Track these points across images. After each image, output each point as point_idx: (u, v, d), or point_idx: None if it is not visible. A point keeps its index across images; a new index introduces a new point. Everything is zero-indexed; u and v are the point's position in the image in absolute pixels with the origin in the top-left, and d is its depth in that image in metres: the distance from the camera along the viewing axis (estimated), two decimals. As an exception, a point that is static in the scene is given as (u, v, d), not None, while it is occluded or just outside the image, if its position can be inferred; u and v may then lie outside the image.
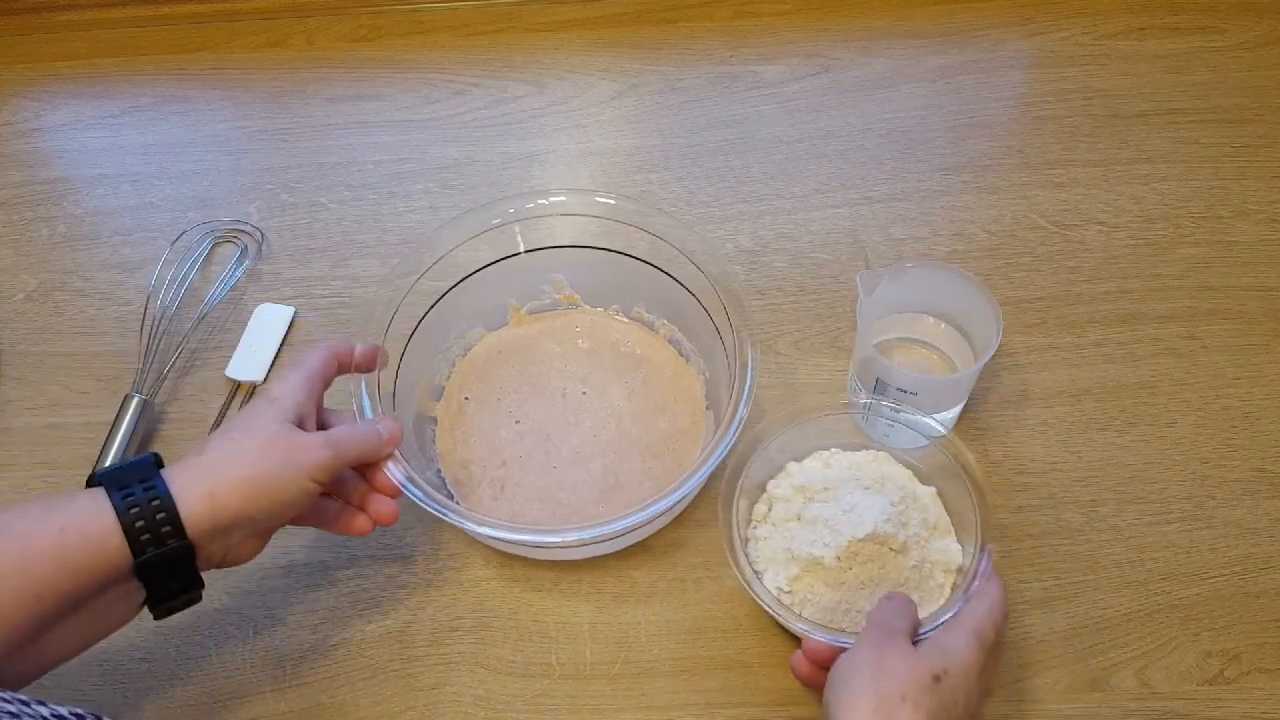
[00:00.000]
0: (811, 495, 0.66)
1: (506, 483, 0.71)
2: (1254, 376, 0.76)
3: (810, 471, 0.68)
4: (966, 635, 0.55)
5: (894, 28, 0.99)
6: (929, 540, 0.65)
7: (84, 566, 0.50)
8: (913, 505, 0.65)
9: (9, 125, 0.96)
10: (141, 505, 0.52)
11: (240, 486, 0.54)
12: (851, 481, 0.66)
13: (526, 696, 0.65)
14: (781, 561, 0.64)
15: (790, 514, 0.66)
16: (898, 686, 0.51)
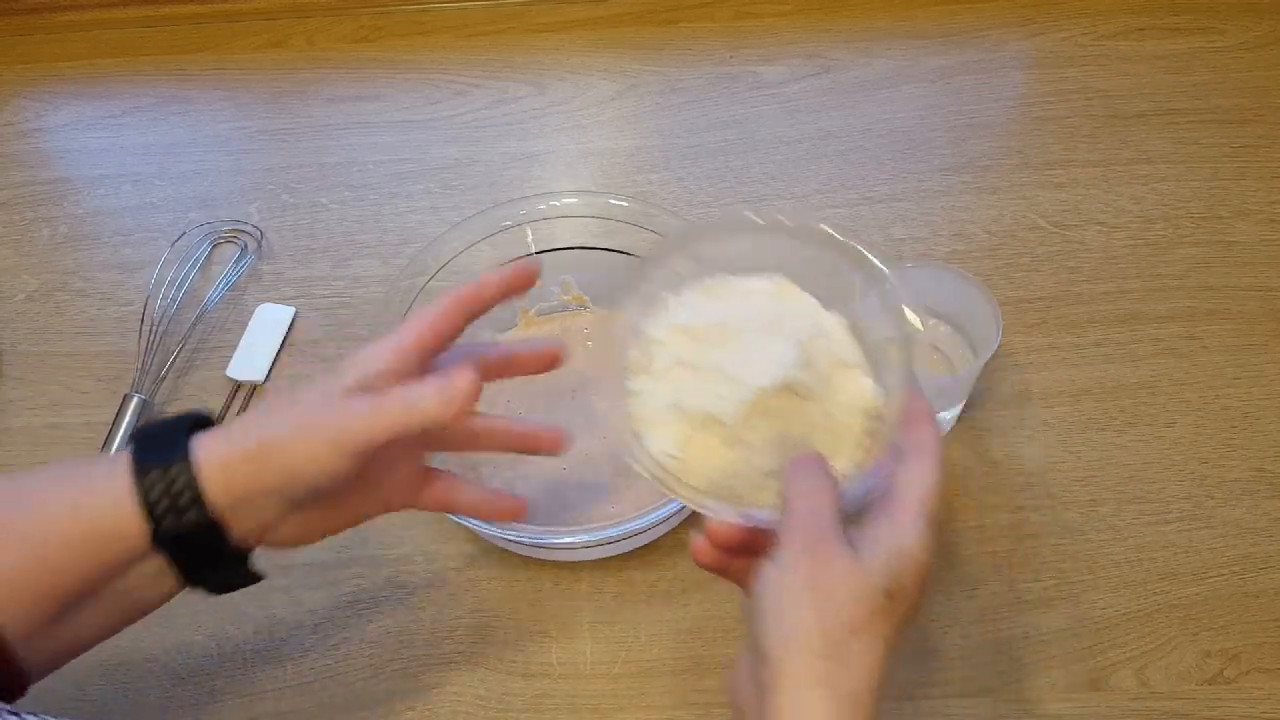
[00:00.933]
0: (698, 336, 0.53)
1: (516, 484, 0.71)
2: (1253, 376, 0.76)
3: (694, 305, 0.54)
4: (916, 523, 0.44)
5: (894, 28, 0.99)
6: (840, 381, 0.53)
7: (103, 541, 0.46)
8: (822, 341, 0.53)
9: (10, 125, 0.96)
10: (157, 475, 0.47)
11: (251, 453, 0.48)
12: (747, 317, 0.53)
13: (526, 696, 0.65)
14: (666, 421, 0.52)
15: (673, 361, 0.52)
16: (845, 615, 0.42)
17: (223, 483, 0.47)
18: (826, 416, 0.52)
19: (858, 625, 0.42)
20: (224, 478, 0.47)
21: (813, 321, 0.54)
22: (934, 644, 0.66)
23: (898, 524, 0.44)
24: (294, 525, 0.51)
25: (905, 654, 0.65)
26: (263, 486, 0.48)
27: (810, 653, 0.41)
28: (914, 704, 0.64)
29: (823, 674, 0.41)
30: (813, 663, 0.41)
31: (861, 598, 0.42)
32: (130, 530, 0.46)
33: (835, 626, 0.42)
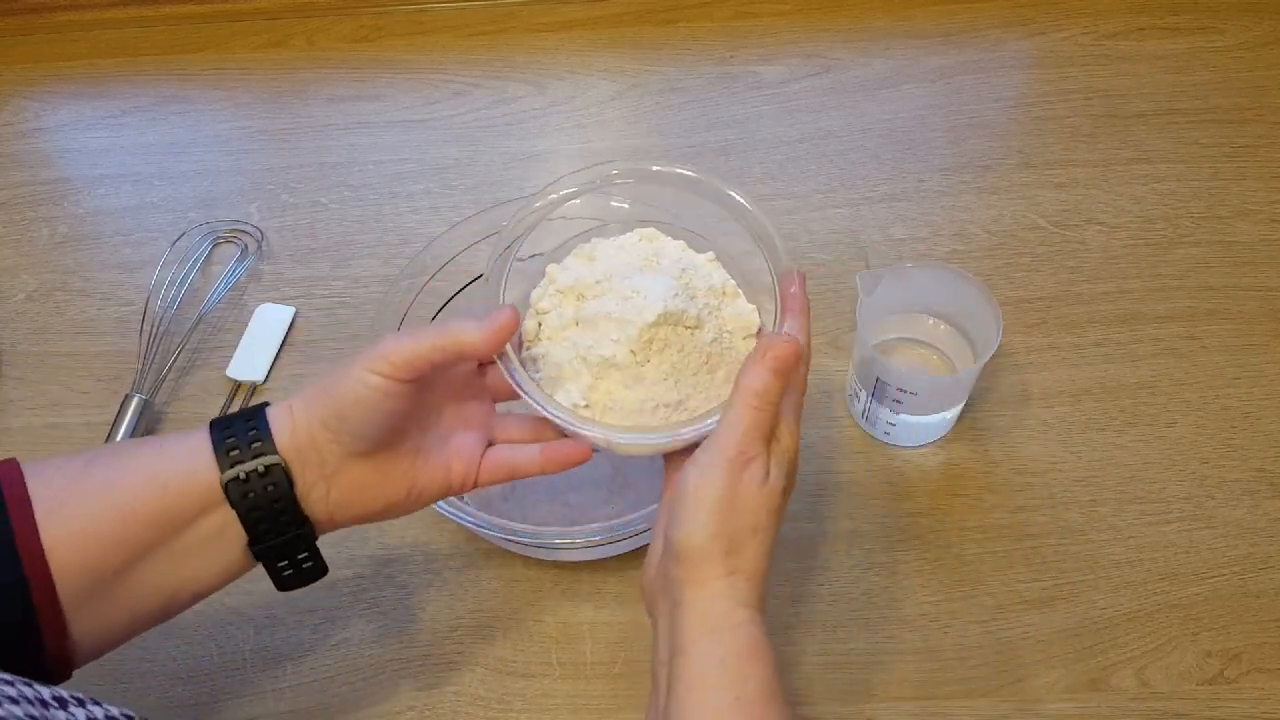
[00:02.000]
0: (583, 294, 0.57)
1: (516, 484, 0.71)
2: (1254, 376, 0.76)
3: (575, 269, 0.58)
4: (789, 424, 0.51)
5: (894, 28, 0.99)
6: (720, 308, 0.57)
7: (173, 481, 0.48)
8: (695, 274, 0.57)
9: (10, 125, 0.96)
10: (235, 425, 0.50)
11: (308, 394, 0.51)
12: (624, 267, 0.57)
13: (526, 696, 0.65)
14: (571, 375, 0.56)
15: (566, 321, 0.56)
16: (749, 520, 0.49)
17: (289, 424, 0.50)
18: (715, 342, 0.56)
19: (758, 526, 0.49)
20: (289, 420, 0.50)
21: (684, 258, 0.58)
22: (934, 644, 0.66)
23: (790, 428, 0.51)
24: (357, 476, 0.52)
25: (905, 654, 0.65)
26: (322, 420, 0.50)
27: (720, 552, 0.48)
28: (915, 704, 0.64)
29: (729, 567, 0.48)
30: (721, 559, 0.48)
31: (765, 506, 0.49)
32: (200, 474, 0.49)
33: (740, 530, 0.48)
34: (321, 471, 0.51)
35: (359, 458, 0.51)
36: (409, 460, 0.54)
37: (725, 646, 0.48)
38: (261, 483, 0.49)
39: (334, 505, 0.52)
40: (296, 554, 0.53)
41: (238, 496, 0.49)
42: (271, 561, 0.52)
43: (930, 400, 0.69)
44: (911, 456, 0.73)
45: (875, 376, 0.69)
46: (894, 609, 0.67)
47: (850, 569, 0.69)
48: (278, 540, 0.51)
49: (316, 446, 0.50)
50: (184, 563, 0.50)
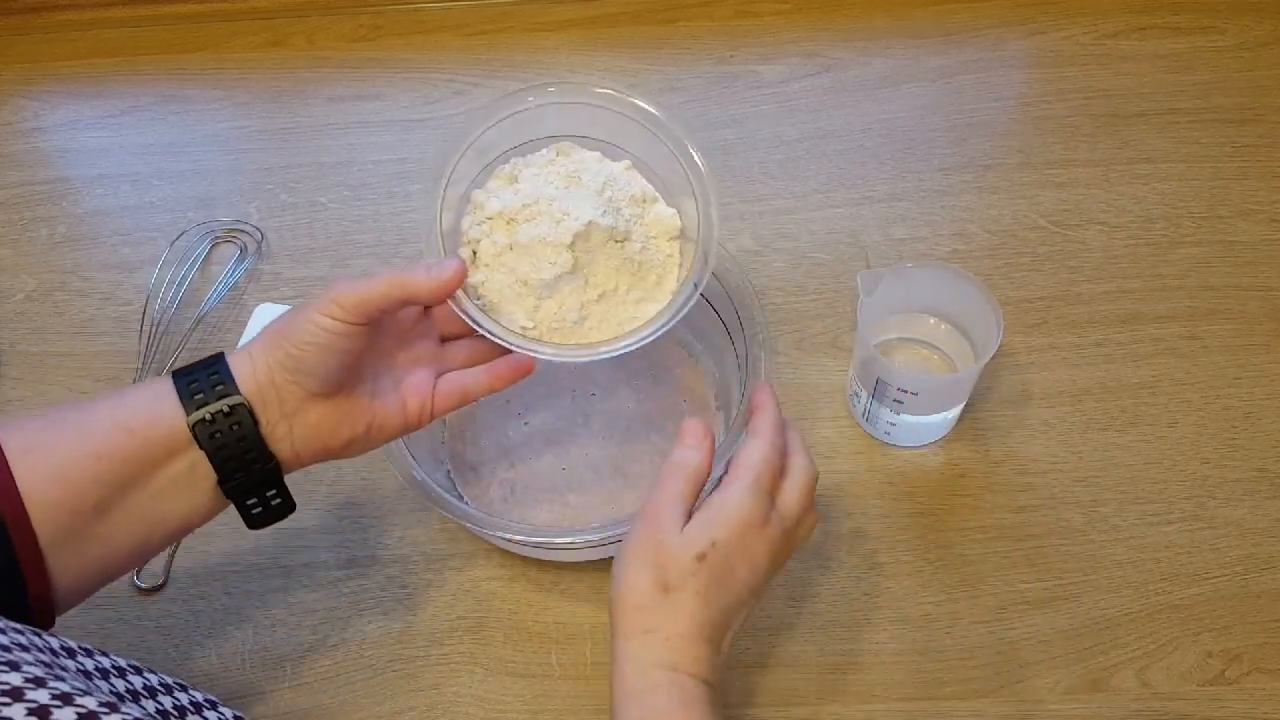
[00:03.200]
0: (512, 218, 0.59)
1: (516, 484, 0.71)
2: (1255, 376, 0.76)
3: (500, 195, 0.60)
4: (738, 490, 0.53)
5: (894, 28, 0.99)
6: (643, 215, 0.61)
7: (141, 426, 0.51)
8: (616, 187, 0.60)
9: (8, 125, 0.96)
10: (196, 373, 0.53)
11: (268, 337, 0.54)
12: (548, 188, 0.59)
13: (526, 697, 0.65)
14: (513, 299, 0.59)
15: (500, 248, 0.59)
16: (660, 576, 0.51)
17: (248, 368, 0.53)
18: (644, 250, 0.60)
19: (670, 584, 0.51)
20: (249, 364, 0.53)
21: (603, 170, 0.61)
22: (936, 644, 0.66)
23: (725, 490, 0.53)
24: (316, 416, 0.54)
25: (906, 654, 0.65)
26: (280, 361, 0.53)
27: (636, 609, 0.51)
28: (915, 704, 0.64)
29: (642, 625, 0.51)
30: (636, 616, 0.51)
31: (673, 563, 0.51)
32: (168, 415, 0.51)
33: (651, 588, 0.51)
34: (282, 411, 0.54)
35: (317, 398, 0.54)
36: (366, 399, 0.56)
37: (643, 709, 0.50)
38: (227, 422, 0.52)
39: (298, 443, 0.55)
40: (265, 491, 0.55)
41: (205, 437, 0.52)
42: (241, 500, 0.55)
43: (931, 400, 0.69)
44: (912, 456, 0.73)
45: (876, 376, 0.69)
46: (895, 609, 0.67)
47: (851, 569, 0.69)
48: (246, 478, 0.54)
49: (276, 387, 0.53)
50: (157, 503, 0.52)
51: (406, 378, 0.58)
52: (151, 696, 0.50)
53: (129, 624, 0.68)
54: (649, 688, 0.50)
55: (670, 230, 0.62)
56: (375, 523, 0.72)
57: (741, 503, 0.53)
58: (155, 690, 0.51)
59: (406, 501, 0.72)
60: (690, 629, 0.51)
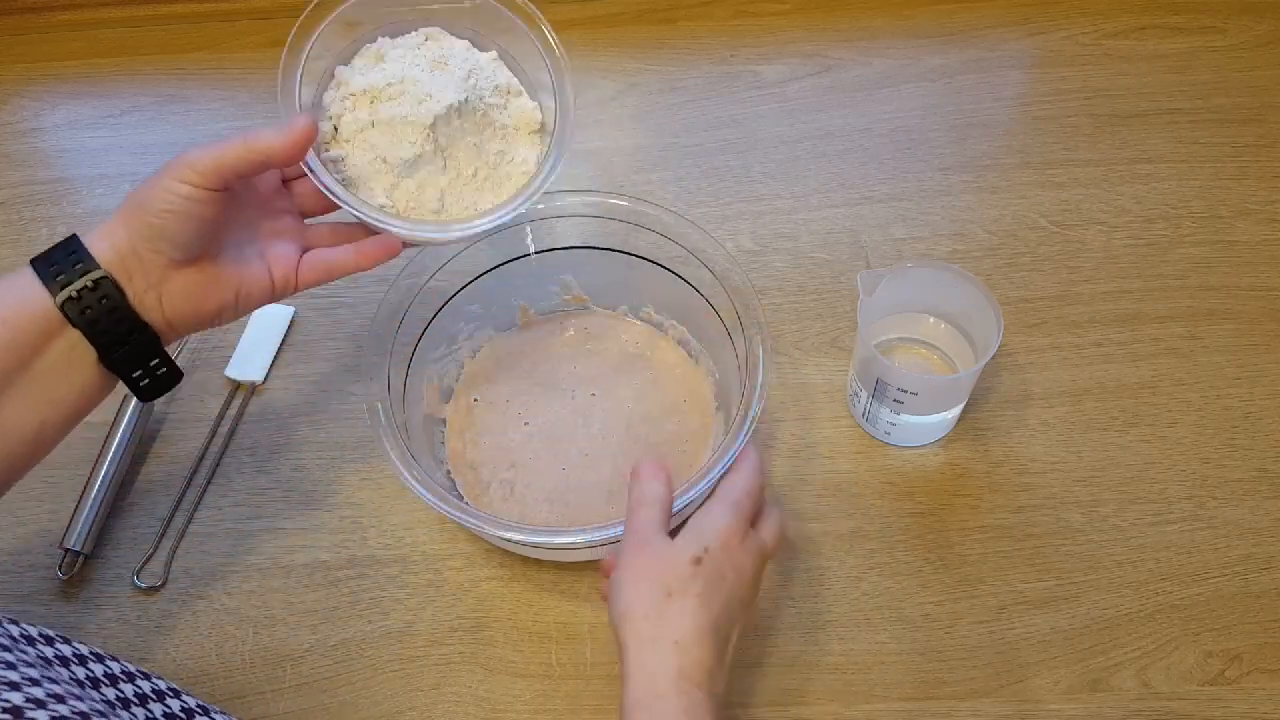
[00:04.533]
0: (376, 97, 0.60)
1: (516, 484, 0.71)
2: (1255, 376, 0.76)
3: (365, 73, 0.61)
4: (721, 508, 0.55)
5: (894, 28, 0.99)
6: (506, 105, 0.63)
7: (11, 316, 0.51)
8: (480, 75, 0.62)
9: (8, 125, 0.96)
10: (55, 256, 0.53)
11: (121, 212, 0.54)
12: (413, 70, 0.60)
13: (526, 697, 0.65)
14: (372, 175, 0.60)
15: (361, 124, 0.60)
16: (661, 584, 0.52)
17: (107, 243, 0.53)
18: (504, 139, 0.63)
19: (672, 589, 0.52)
20: (108, 240, 0.53)
21: (470, 58, 0.62)
22: (936, 644, 0.66)
23: (707, 511, 0.56)
24: (182, 284, 0.55)
25: (906, 654, 0.65)
26: (139, 231, 0.53)
27: (639, 619, 0.52)
28: (916, 704, 0.64)
29: (649, 633, 0.52)
30: (641, 626, 0.52)
31: (672, 569, 0.53)
32: (36, 302, 0.52)
33: (653, 596, 0.52)
34: (148, 280, 0.54)
35: (181, 266, 0.55)
36: (231, 266, 0.57)
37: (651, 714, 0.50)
38: (94, 296, 0.52)
39: (170, 313, 0.55)
40: (148, 362, 0.56)
41: (76, 314, 0.52)
42: (126, 373, 0.56)
43: (931, 400, 0.69)
44: (912, 456, 0.73)
45: (876, 376, 0.69)
46: (895, 609, 0.67)
47: (851, 569, 0.69)
48: (124, 350, 0.55)
49: (139, 257, 0.53)
50: (43, 390, 0.53)
51: (270, 248, 0.59)
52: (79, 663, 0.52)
53: (129, 624, 0.68)
54: (657, 697, 0.50)
55: (531, 123, 0.63)
56: (375, 523, 0.72)
57: (726, 516, 0.55)
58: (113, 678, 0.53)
59: (406, 501, 0.72)
60: (695, 632, 0.52)
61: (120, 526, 0.72)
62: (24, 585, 0.70)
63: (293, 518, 0.72)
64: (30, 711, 0.43)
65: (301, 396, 0.78)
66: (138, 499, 0.73)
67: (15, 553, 0.71)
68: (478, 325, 0.76)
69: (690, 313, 0.74)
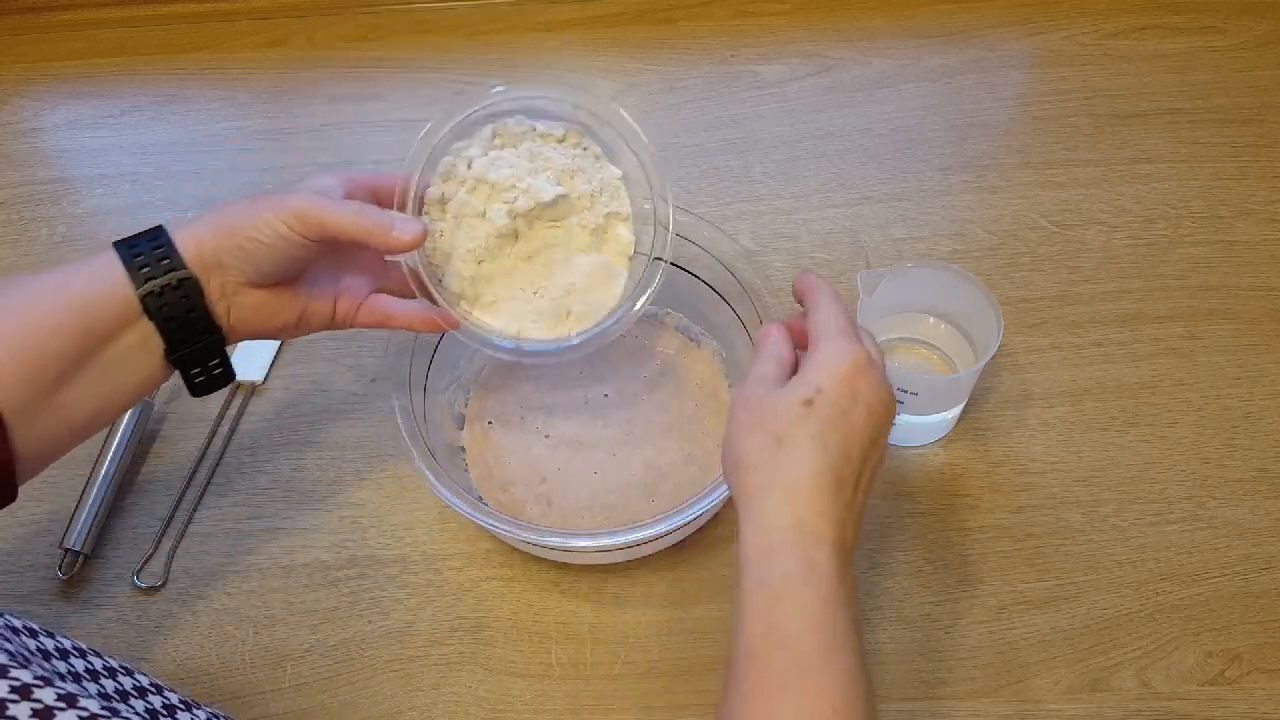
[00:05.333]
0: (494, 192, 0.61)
1: (552, 497, 0.70)
2: (1255, 376, 0.76)
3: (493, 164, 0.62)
4: (829, 340, 0.51)
5: (894, 28, 0.99)
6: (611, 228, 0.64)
7: (93, 302, 0.52)
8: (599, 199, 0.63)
9: (8, 125, 0.96)
10: (140, 245, 0.54)
11: (215, 222, 0.55)
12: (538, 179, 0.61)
13: (526, 697, 0.65)
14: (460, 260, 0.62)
15: (472, 211, 0.62)
16: (771, 433, 0.49)
17: (195, 248, 0.54)
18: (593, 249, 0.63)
19: (782, 435, 0.49)
20: (195, 244, 0.54)
21: (597, 177, 0.63)
22: (936, 644, 0.66)
23: (814, 347, 0.52)
24: (254, 301, 0.56)
25: (906, 654, 0.65)
26: (230, 247, 0.54)
27: (751, 469, 0.49)
28: (916, 704, 0.64)
29: (760, 482, 0.49)
30: (752, 476, 0.49)
31: (780, 414, 0.49)
32: (117, 291, 0.52)
33: (764, 445, 0.49)
34: (223, 291, 0.55)
35: (257, 287, 0.56)
36: (303, 294, 0.58)
37: (762, 576, 0.47)
38: (175, 295, 0.53)
39: (234, 322, 0.57)
40: (209, 361, 0.57)
41: (155, 309, 0.53)
42: (186, 369, 0.57)
43: (931, 400, 0.69)
44: (912, 456, 0.73)
45: (876, 376, 0.69)
46: (895, 609, 0.67)
47: (851, 569, 0.69)
48: (193, 348, 0.56)
49: (221, 269, 0.54)
50: (111, 373, 0.54)
51: (344, 278, 0.61)
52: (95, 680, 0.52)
53: (129, 624, 0.68)
54: (770, 550, 0.47)
55: (625, 250, 0.64)
56: (375, 523, 0.72)
57: (838, 348, 0.51)
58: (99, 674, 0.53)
59: (406, 501, 0.72)
60: (808, 476, 0.48)
61: (120, 526, 0.72)
62: (24, 585, 0.70)
63: (293, 518, 0.72)
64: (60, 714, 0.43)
65: (301, 396, 0.78)
66: (138, 499, 0.73)
67: (15, 553, 0.71)
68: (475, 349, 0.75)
69: (683, 296, 0.74)
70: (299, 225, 0.54)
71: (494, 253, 0.62)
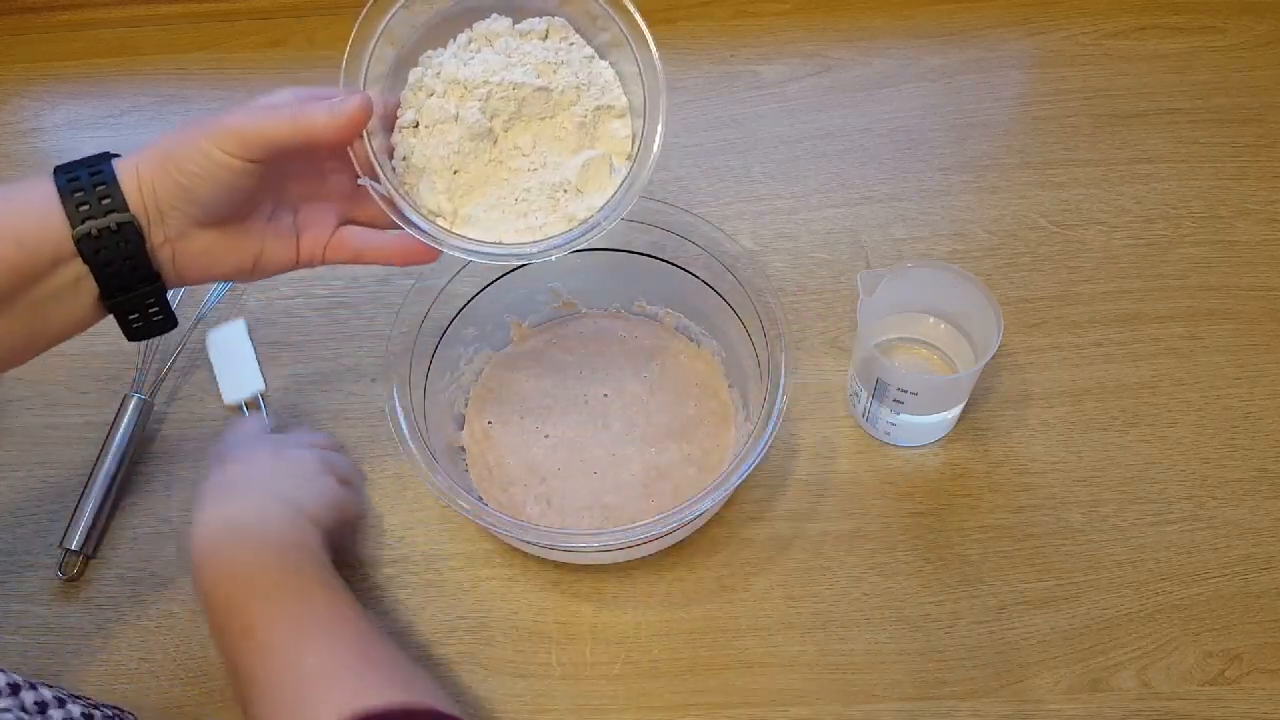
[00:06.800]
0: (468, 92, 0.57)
1: (551, 497, 0.71)
2: (1254, 376, 0.76)
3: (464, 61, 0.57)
4: None
5: (894, 28, 0.99)
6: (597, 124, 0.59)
7: (27, 236, 0.49)
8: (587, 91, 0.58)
9: (8, 125, 0.96)
10: (82, 179, 0.51)
11: (155, 157, 0.51)
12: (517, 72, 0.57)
13: (526, 697, 0.65)
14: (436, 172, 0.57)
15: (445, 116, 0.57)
16: None
17: (136, 184, 0.51)
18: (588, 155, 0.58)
19: None
20: (137, 181, 0.51)
21: (583, 71, 0.58)
22: (936, 644, 0.66)
23: None
24: (202, 243, 0.53)
25: (906, 654, 0.65)
26: (169, 186, 0.50)
27: None
28: (915, 704, 0.64)
29: None
30: None
31: None
32: (52, 224, 0.50)
33: None
34: (166, 234, 0.52)
35: (205, 226, 0.52)
36: (257, 231, 0.55)
37: None
38: (114, 239, 0.50)
39: (181, 267, 0.53)
40: (147, 308, 0.54)
41: (90, 252, 0.50)
42: (122, 313, 0.54)
43: (931, 400, 0.69)
44: (912, 456, 0.73)
45: (876, 376, 0.69)
46: (895, 609, 0.67)
47: (851, 569, 0.69)
48: (129, 294, 0.53)
49: (161, 211, 0.52)
50: (40, 312, 0.51)
51: (307, 214, 0.56)
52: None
53: (129, 624, 0.68)
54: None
55: (622, 147, 0.59)
56: (375, 523, 0.72)
57: None
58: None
59: (406, 501, 0.72)
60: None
61: (120, 526, 0.72)
62: (24, 585, 0.70)
63: (293, 518, 0.72)
64: None
65: (302, 396, 0.78)
66: (138, 499, 0.73)
67: (15, 553, 0.71)
68: (475, 347, 0.76)
69: (683, 297, 0.74)
70: (238, 147, 0.50)
71: (470, 158, 0.57)
